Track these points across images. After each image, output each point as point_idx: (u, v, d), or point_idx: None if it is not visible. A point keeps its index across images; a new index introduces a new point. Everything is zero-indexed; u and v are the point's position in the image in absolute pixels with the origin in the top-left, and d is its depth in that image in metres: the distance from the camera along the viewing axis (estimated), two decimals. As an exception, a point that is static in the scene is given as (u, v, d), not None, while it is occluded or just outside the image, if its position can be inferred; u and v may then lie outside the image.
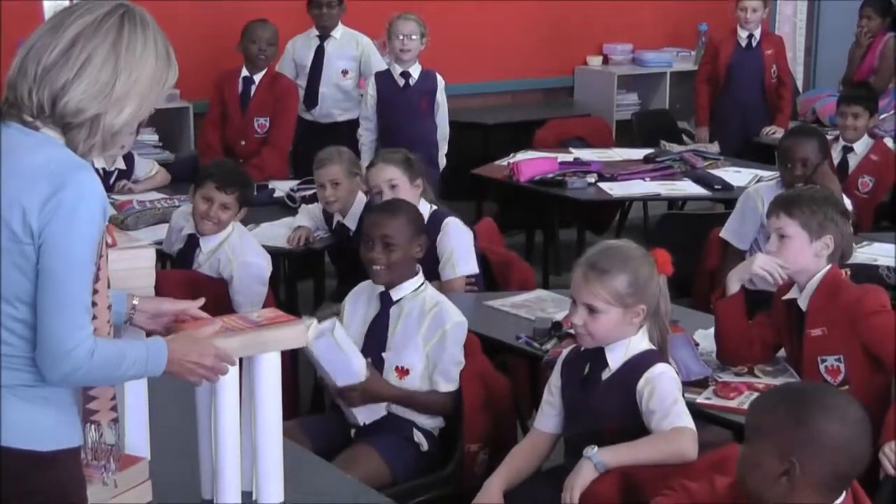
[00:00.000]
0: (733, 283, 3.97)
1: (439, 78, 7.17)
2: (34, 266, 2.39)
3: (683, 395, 3.41)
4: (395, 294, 4.02)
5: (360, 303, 4.11)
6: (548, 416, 3.57)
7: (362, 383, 3.85)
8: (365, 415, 3.94)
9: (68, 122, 2.44)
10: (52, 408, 2.48)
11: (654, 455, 3.24)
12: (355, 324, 4.06)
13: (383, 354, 3.98)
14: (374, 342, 3.99)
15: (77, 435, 2.54)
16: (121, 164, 6.48)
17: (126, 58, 2.46)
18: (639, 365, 3.37)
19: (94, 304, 2.49)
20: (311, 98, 7.48)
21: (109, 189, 6.39)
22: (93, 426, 2.60)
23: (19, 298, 2.42)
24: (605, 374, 3.41)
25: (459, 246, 4.95)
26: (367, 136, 7.06)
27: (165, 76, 2.55)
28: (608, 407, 3.37)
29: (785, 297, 3.97)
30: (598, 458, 3.23)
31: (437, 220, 4.96)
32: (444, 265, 4.91)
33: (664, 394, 3.31)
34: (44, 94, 2.42)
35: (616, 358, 3.40)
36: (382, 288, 4.03)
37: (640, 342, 3.42)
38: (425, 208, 4.94)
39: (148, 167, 6.67)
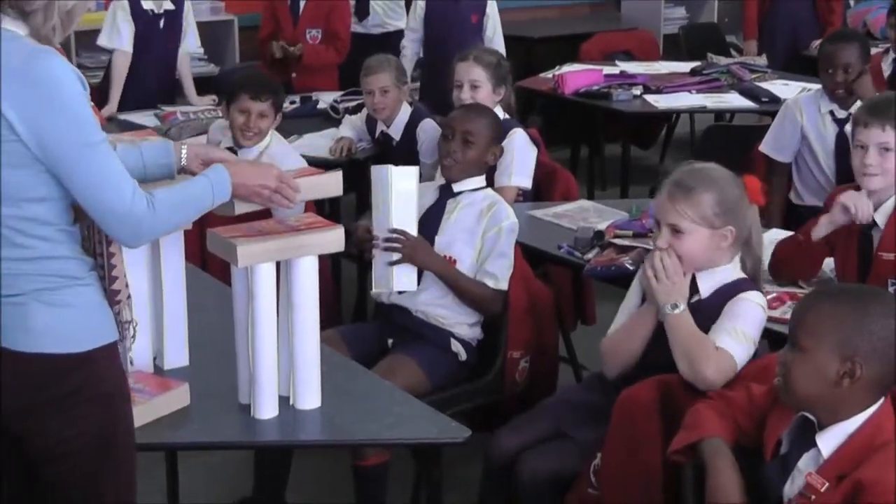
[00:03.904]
0: (824, 227, 3.73)
1: None
2: (33, 160, 2.38)
3: None
4: (456, 187, 4.03)
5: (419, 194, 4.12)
6: None
7: (414, 240, 3.80)
8: (403, 280, 3.85)
9: (23, 9, 2.41)
10: (80, 309, 2.48)
11: (687, 350, 3.12)
12: None
13: (436, 238, 3.96)
14: (428, 228, 3.96)
15: (110, 331, 2.55)
16: (169, 6, 6.47)
17: None
18: (729, 292, 3.21)
19: None
20: (363, 8, 7.42)
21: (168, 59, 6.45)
22: (116, 307, 2.60)
23: (22, 197, 2.40)
24: (694, 300, 3.24)
25: (521, 158, 4.92)
26: (410, 47, 7.02)
27: None
28: None
29: None
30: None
31: (505, 129, 4.92)
32: (500, 172, 4.85)
33: (738, 313, 3.16)
34: None
35: (706, 286, 3.24)
36: (443, 181, 4.04)
37: (732, 271, 3.26)
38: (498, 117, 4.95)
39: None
